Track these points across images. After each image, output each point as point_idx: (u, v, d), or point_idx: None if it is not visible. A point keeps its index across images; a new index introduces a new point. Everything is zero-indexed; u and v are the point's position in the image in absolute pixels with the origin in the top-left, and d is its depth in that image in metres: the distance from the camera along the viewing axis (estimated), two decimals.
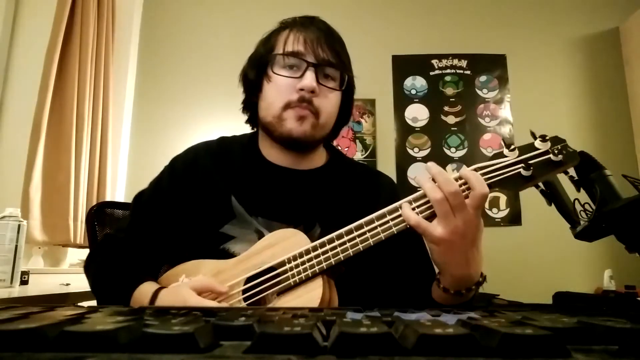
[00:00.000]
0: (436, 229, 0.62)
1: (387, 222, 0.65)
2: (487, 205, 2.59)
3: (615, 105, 2.69)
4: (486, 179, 0.63)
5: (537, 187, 0.66)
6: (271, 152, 0.87)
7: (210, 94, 2.67)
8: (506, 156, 0.65)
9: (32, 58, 2.09)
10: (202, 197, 0.83)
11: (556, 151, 0.63)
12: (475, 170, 0.64)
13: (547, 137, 0.65)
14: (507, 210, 2.59)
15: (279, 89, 0.79)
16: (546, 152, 0.64)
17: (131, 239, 0.83)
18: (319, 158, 0.90)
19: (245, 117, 0.92)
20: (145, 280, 0.75)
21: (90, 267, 0.85)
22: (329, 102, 0.81)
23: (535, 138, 0.65)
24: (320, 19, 0.86)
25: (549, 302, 2.13)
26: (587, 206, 0.62)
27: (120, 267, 0.80)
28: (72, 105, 2.07)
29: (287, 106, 0.78)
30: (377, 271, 0.81)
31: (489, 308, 0.34)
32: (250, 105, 0.89)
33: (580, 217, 0.63)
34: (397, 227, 0.64)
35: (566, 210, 0.64)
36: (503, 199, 2.60)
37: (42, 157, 1.93)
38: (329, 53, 0.80)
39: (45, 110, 1.94)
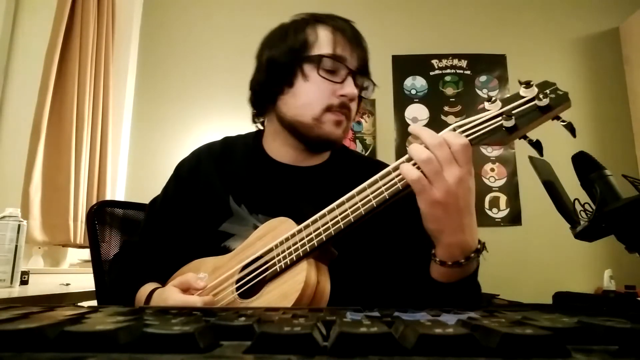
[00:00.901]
0: (431, 190, 0.57)
1: (367, 195, 0.62)
2: (487, 205, 2.60)
3: (615, 105, 2.69)
4: (466, 136, 0.59)
5: (525, 138, 0.60)
6: (277, 149, 0.87)
7: (210, 93, 2.67)
8: (488, 110, 0.60)
9: (32, 58, 2.09)
10: (202, 199, 0.85)
11: (542, 95, 0.57)
12: (454, 129, 0.61)
13: (533, 83, 0.59)
14: (507, 210, 2.59)
15: (321, 91, 0.79)
16: (532, 99, 0.58)
17: (143, 244, 0.88)
18: (322, 154, 0.90)
19: (250, 111, 0.90)
20: (149, 282, 0.79)
21: (110, 275, 0.93)
22: (356, 108, 0.84)
23: (520, 85, 0.60)
24: (349, 21, 0.86)
25: (549, 302, 2.13)
26: (587, 206, 0.62)
27: (128, 272, 0.85)
28: (72, 105, 2.07)
29: (328, 109, 0.79)
30: (372, 256, 0.80)
31: (489, 308, 0.34)
32: (267, 95, 0.85)
33: (580, 217, 0.62)
34: (376, 200, 0.61)
35: (566, 210, 0.63)
36: (503, 199, 2.60)
37: (42, 157, 1.93)
38: (362, 61, 0.82)
39: (45, 110, 1.94)
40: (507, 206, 2.60)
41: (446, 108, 2.73)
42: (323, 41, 0.81)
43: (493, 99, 0.60)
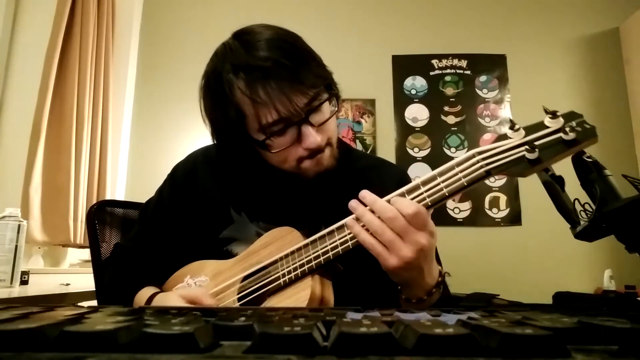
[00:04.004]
0: (390, 259, 0.59)
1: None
2: (487, 205, 2.60)
3: (615, 105, 2.69)
4: (486, 164, 0.57)
5: (548, 171, 0.59)
6: None
7: None
8: (510, 138, 0.58)
9: (32, 58, 2.09)
10: (200, 206, 0.84)
11: (568, 129, 0.54)
12: (473, 155, 0.59)
13: (559, 113, 0.56)
14: (507, 210, 2.59)
15: (284, 153, 0.72)
16: (557, 131, 0.55)
17: (137, 248, 0.86)
18: None
19: None
20: (146, 286, 0.78)
21: (103, 279, 0.90)
22: (332, 128, 0.76)
23: (546, 114, 0.57)
24: (270, 53, 0.69)
25: (549, 302, 2.13)
26: (587, 206, 0.61)
27: (124, 276, 0.84)
28: (72, 105, 2.07)
29: (300, 161, 0.73)
30: (377, 270, 0.79)
31: (489, 308, 0.34)
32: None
33: (580, 217, 0.62)
34: None
35: (566, 210, 0.63)
36: (503, 198, 2.60)
37: (42, 157, 1.93)
38: (304, 95, 0.69)
39: (45, 110, 1.94)
40: (507, 206, 2.60)
41: (446, 108, 2.73)
42: (249, 114, 0.70)
43: (516, 127, 0.57)
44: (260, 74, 0.68)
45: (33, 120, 1.93)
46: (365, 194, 0.62)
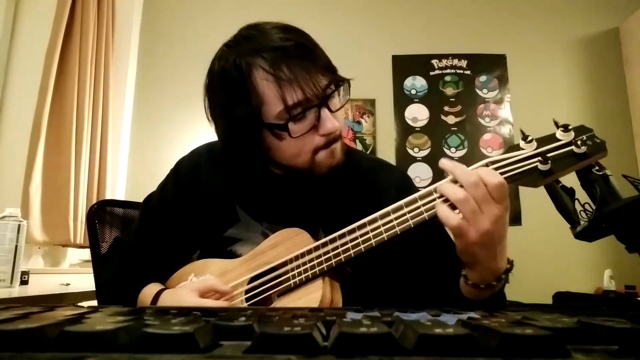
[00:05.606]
0: (470, 232, 0.57)
1: (391, 221, 0.61)
2: None
3: (615, 105, 2.68)
4: (499, 174, 0.58)
5: (558, 183, 0.61)
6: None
7: None
8: (522, 149, 0.59)
9: (32, 58, 2.09)
10: (206, 204, 0.83)
11: (579, 142, 0.56)
12: (487, 165, 0.60)
13: (571, 127, 0.58)
14: None
15: (301, 142, 0.72)
16: (568, 144, 0.57)
17: (139, 243, 0.85)
18: None
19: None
20: (151, 282, 0.77)
21: (101, 273, 0.89)
22: (342, 120, 0.77)
23: (557, 127, 0.59)
24: (287, 35, 0.72)
25: (549, 302, 2.13)
26: (587, 206, 0.62)
27: (127, 271, 0.83)
28: (72, 105, 2.07)
29: (316, 151, 0.73)
30: (387, 273, 0.78)
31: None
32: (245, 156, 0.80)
33: (580, 217, 0.62)
34: (400, 227, 0.60)
35: (566, 210, 0.63)
36: None
37: (42, 157, 1.93)
38: (324, 76, 0.71)
39: (45, 110, 1.94)
40: None
41: (446, 108, 2.73)
42: (270, 97, 0.70)
43: (529, 138, 0.59)
44: (282, 53, 0.69)
45: (33, 120, 1.93)
46: (444, 161, 0.60)
